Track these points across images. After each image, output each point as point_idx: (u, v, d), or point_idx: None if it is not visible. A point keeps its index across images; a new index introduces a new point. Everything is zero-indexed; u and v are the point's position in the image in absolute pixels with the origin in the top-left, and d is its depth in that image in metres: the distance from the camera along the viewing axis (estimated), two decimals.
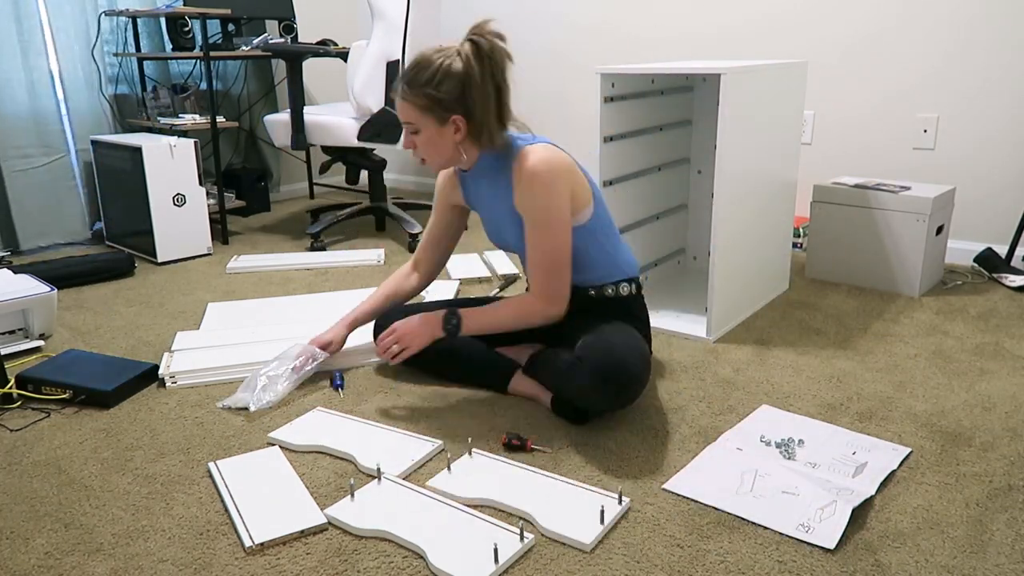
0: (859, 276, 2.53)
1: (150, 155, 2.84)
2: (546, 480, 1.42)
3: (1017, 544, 1.25)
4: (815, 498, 1.36)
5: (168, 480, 1.48)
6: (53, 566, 1.24)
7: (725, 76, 1.92)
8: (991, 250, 2.62)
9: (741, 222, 2.15)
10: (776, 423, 1.65)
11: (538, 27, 3.67)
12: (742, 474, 1.45)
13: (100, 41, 3.25)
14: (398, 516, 1.32)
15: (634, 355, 1.56)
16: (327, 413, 1.71)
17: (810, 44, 2.95)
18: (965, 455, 1.51)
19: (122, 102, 3.41)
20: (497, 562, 1.20)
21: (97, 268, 2.72)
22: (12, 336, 2.12)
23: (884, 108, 2.85)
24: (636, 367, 1.55)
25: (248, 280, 2.73)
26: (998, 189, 2.69)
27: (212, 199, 3.31)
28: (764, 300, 2.40)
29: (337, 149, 3.20)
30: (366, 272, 2.80)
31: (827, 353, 2.02)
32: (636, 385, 1.56)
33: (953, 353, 2.00)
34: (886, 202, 2.43)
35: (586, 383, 1.54)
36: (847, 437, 1.58)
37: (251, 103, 3.87)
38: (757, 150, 2.15)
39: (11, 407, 1.78)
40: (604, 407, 1.60)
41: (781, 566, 1.20)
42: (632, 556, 1.23)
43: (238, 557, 1.25)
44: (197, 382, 1.88)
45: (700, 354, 2.02)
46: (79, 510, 1.39)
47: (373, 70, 2.88)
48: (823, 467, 1.47)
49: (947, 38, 2.67)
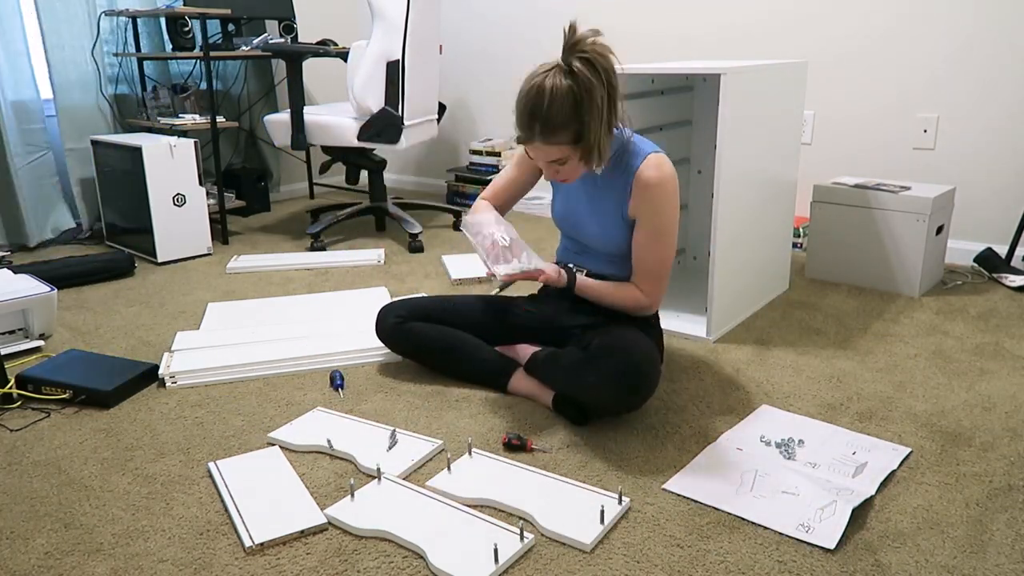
0: (859, 276, 2.53)
1: (150, 155, 2.84)
2: (546, 480, 1.43)
3: (1017, 544, 1.25)
4: (815, 498, 1.36)
5: (168, 480, 1.48)
6: (53, 566, 1.24)
7: (725, 76, 1.92)
8: (991, 250, 2.62)
9: (741, 222, 2.15)
10: (776, 423, 1.65)
11: (538, 27, 3.67)
12: (742, 474, 1.45)
13: (100, 41, 3.25)
14: (398, 516, 1.32)
15: (649, 359, 1.57)
16: (327, 413, 1.71)
17: (810, 44, 2.95)
18: (965, 455, 1.51)
19: (122, 102, 3.41)
20: (497, 562, 1.20)
21: (97, 268, 2.73)
22: (12, 336, 2.12)
23: (884, 108, 2.85)
24: (650, 371, 1.57)
25: (248, 280, 2.73)
26: (998, 189, 2.69)
27: (212, 199, 3.31)
28: (764, 300, 2.40)
29: (337, 149, 3.20)
30: (366, 272, 2.80)
31: (827, 353, 2.02)
32: (648, 388, 1.57)
33: (953, 353, 2.00)
34: (886, 202, 2.43)
35: (600, 382, 1.55)
36: (847, 437, 1.58)
37: (251, 103, 3.87)
38: (757, 150, 2.15)
39: (11, 407, 1.78)
40: (614, 408, 1.61)
41: (781, 566, 1.20)
42: (632, 556, 1.23)
43: (238, 557, 1.25)
44: (197, 382, 1.88)
45: (700, 354, 2.02)
46: (79, 510, 1.39)
47: (373, 70, 2.88)
48: (823, 467, 1.47)
49: (947, 38, 2.67)
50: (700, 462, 1.50)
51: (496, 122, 3.97)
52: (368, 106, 2.92)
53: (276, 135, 3.16)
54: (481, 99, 3.99)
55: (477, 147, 3.84)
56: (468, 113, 4.06)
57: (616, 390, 1.54)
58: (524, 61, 3.74)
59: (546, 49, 3.66)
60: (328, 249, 3.10)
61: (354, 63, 2.95)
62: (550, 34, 3.63)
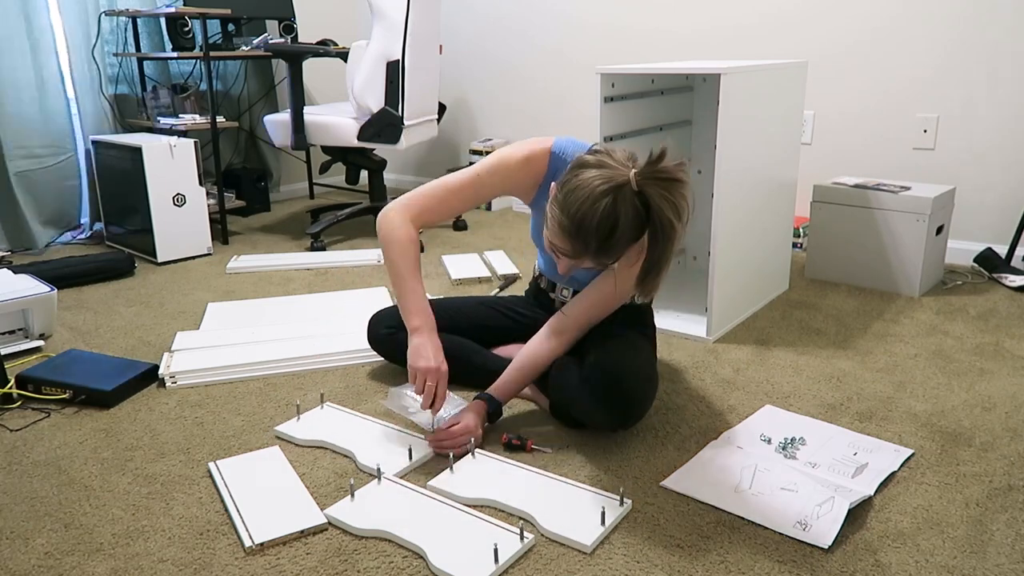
0: (859, 276, 2.53)
1: (150, 155, 2.84)
2: (547, 480, 1.43)
3: (1017, 544, 1.25)
4: (813, 494, 1.36)
5: (168, 480, 1.48)
6: (53, 566, 1.24)
7: (725, 76, 1.92)
8: (991, 250, 2.62)
9: (741, 222, 2.15)
10: (778, 423, 1.65)
11: (538, 26, 3.67)
12: (741, 470, 1.45)
13: (100, 41, 3.25)
14: (398, 516, 1.32)
15: (641, 379, 1.55)
16: (335, 409, 1.72)
17: (810, 44, 2.95)
18: (965, 455, 1.51)
19: (122, 102, 3.41)
20: (497, 562, 1.20)
21: (97, 268, 2.72)
22: (12, 336, 2.12)
23: (884, 108, 2.85)
24: (642, 394, 1.55)
25: (248, 280, 2.73)
26: (998, 189, 2.69)
27: (212, 199, 3.31)
28: (764, 300, 2.40)
29: (337, 149, 3.20)
30: (366, 272, 2.80)
31: (827, 353, 2.02)
32: (640, 410, 1.56)
33: (953, 353, 2.00)
34: (886, 202, 2.43)
35: (590, 406, 1.53)
36: (849, 438, 1.58)
37: (251, 103, 3.86)
38: (757, 150, 2.15)
39: (11, 407, 1.78)
40: (606, 428, 1.60)
41: (781, 566, 1.20)
42: (632, 556, 1.23)
43: (238, 557, 1.25)
44: (197, 382, 1.88)
45: (700, 354, 2.02)
46: (79, 510, 1.39)
47: (373, 70, 2.88)
48: (823, 467, 1.47)
49: (947, 38, 2.67)
50: (700, 459, 1.50)
51: (496, 122, 3.97)
52: (368, 106, 2.92)
53: (276, 135, 3.16)
54: (481, 99, 3.99)
55: (477, 147, 3.83)
56: (468, 113, 4.06)
57: (608, 415, 1.53)
58: (524, 61, 3.75)
59: (547, 49, 3.66)
60: (328, 249, 3.10)
61: (354, 63, 2.95)
62: (550, 34, 3.63)
